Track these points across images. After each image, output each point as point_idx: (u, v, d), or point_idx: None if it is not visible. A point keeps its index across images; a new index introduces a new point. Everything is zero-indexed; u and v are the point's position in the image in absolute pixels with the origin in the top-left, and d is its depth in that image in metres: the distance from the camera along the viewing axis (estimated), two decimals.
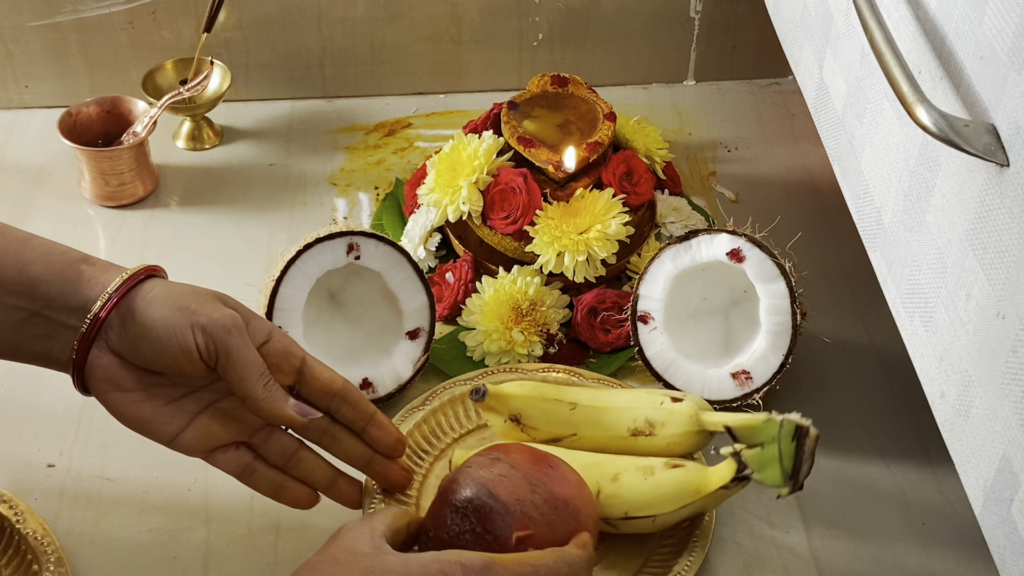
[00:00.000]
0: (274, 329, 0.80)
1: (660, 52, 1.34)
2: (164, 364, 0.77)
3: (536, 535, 0.77)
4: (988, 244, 0.61)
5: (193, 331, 0.75)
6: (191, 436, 0.80)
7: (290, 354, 0.80)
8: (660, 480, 0.86)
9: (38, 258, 0.77)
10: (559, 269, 1.05)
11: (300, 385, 0.81)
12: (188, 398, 0.80)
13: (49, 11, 1.24)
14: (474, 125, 1.15)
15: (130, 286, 0.77)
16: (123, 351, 0.77)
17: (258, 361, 0.77)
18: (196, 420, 0.80)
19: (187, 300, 0.77)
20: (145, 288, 0.77)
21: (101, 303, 0.76)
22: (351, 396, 0.82)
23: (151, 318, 0.76)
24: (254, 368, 0.76)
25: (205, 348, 0.76)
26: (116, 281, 0.77)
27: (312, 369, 0.81)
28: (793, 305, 0.95)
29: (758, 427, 0.82)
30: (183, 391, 0.80)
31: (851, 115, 0.81)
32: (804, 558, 0.90)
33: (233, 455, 0.82)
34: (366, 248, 0.97)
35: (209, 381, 0.80)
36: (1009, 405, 0.59)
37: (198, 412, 0.80)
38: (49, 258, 0.78)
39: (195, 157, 1.25)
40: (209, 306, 0.77)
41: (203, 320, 0.75)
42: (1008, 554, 0.61)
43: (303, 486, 0.84)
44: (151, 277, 0.79)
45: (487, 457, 0.82)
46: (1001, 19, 0.59)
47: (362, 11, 1.27)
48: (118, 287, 0.77)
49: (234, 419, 0.81)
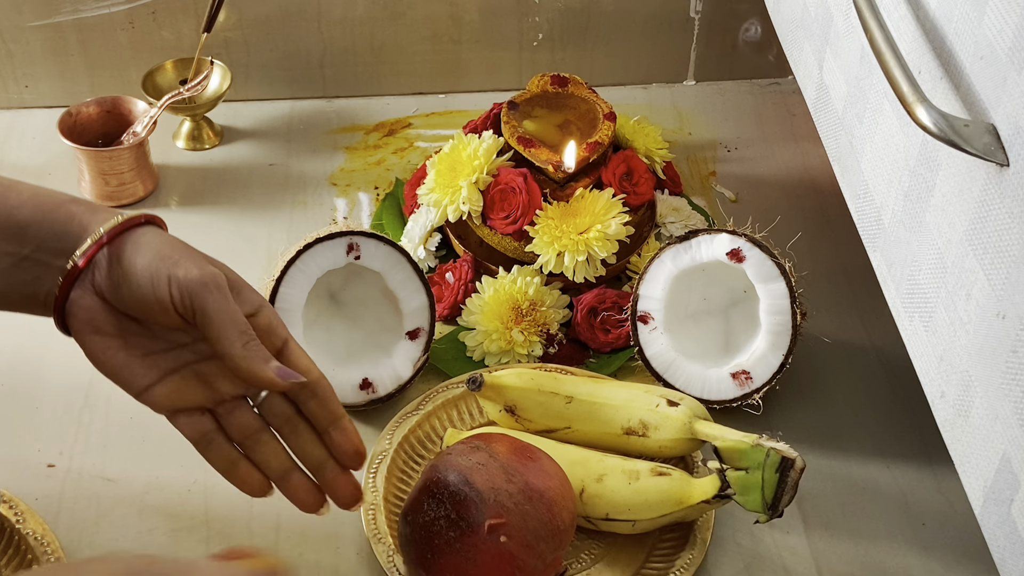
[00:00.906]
0: (265, 305, 0.78)
1: (660, 52, 1.34)
2: (142, 312, 0.75)
3: (508, 524, 0.79)
4: (988, 244, 0.61)
5: (170, 282, 0.73)
6: (160, 392, 0.77)
7: (273, 333, 0.77)
8: (644, 486, 0.87)
9: (25, 202, 0.76)
10: (559, 269, 1.05)
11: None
12: (166, 354, 0.78)
13: (49, 11, 1.24)
14: (474, 125, 1.15)
15: (124, 228, 0.75)
16: (106, 293, 0.76)
17: (239, 319, 0.74)
18: (169, 378, 0.78)
19: (172, 251, 0.75)
20: (138, 233, 0.76)
21: (91, 240, 0.75)
22: (322, 392, 0.78)
23: (134, 264, 0.74)
24: (233, 326, 0.74)
25: (180, 301, 0.73)
26: (111, 221, 0.75)
27: (292, 353, 0.78)
28: (793, 305, 0.95)
29: (745, 452, 0.83)
30: (163, 346, 0.78)
31: (851, 115, 0.81)
32: (804, 558, 0.90)
33: (196, 420, 0.78)
34: (366, 248, 0.97)
35: (191, 340, 0.78)
36: (1009, 405, 0.59)
37: (173, 370, 0.78)
38: (37, 200, 0.76)
39: (195, 157, 1.25)
40: (192, 260, 0.74)
41: (181, 272, 0.73)
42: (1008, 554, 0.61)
43: (256, 471, 0.79)
44: (149, 224, 0.77)
45: (468, 445, 0.83)
46: (1001, 19, 0.59)
47: (362, 11, 1.27)
48: (112, 228, 0.75)
49: (206, 384, 0.78)
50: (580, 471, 0.88)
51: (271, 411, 0.79)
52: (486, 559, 0.79)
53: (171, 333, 0.78)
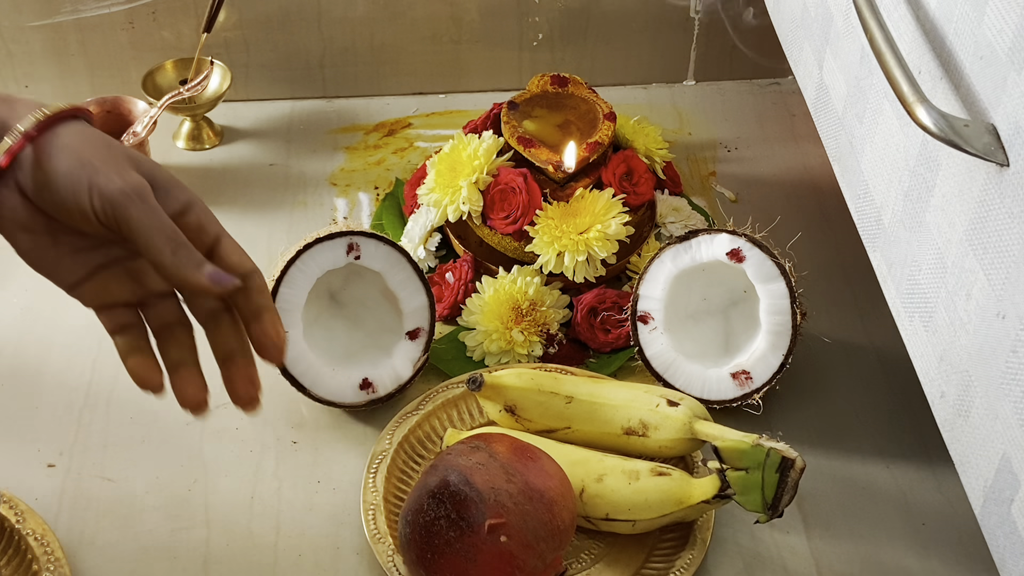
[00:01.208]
0: (194, 202, 0.75)
1: (660, 52, 1.34)
2: (66, 218, 0.73)
3: (509, 524, 0.79)
4: (988, 244, 0.61)
5: (90, 193, 0.70)
6: (89, 288, 0.75)
7: (204, 231, 0.74)
8: (644, 486, 0.87)
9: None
10: (559, 269, 1.05)
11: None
12: (96, 251, 0.75)
13: (49, 11, 1.24)
14: (474, 125, 1.15)
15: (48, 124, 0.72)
16: (31, 194, 0.73)
17: (165, 226, 0.71)
18: (98, 274, 0.75)
19: (94, 155, 0.72)
20: (61, 132, 0.72)
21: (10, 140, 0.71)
22: (253, 284, 0.74)
23: (55, 168, 0.71)
24: (159, 233, 0.71)
25: (102, 212, 0.71)
26: (30, 119, 0.72)
27: (225, 249, 0.75)
28: (793, 305, 0.95)
29: (745, 451, 0.83)
30: (92, 242, 0.75)
31: (851, 115, 0.81)
32: (804, 558, 0.90)
33: (119, 312, 0.76)
34: (366, 248, 0.97)
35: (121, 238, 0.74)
36: (1009, 405, 0.59)
37: (103, 266, 0.75)
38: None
39: (195, 157, 1.25)
40: (115, 167, 0.71)
41: (102, 182, 0.70)
42: (1008, 554, 0.61)
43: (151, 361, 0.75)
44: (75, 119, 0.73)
45: (468, 445, 0.83)
46: (1001, 19, 0.59)
47: (362, 11, 1.27)
48: (33, 125, 0.72)
49: (136, 280, 0.76)
50: (580, 471, 0.88)
51: (198, 305, 0.75)
52: (486, 559, 0.79)
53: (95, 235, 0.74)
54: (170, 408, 1.00)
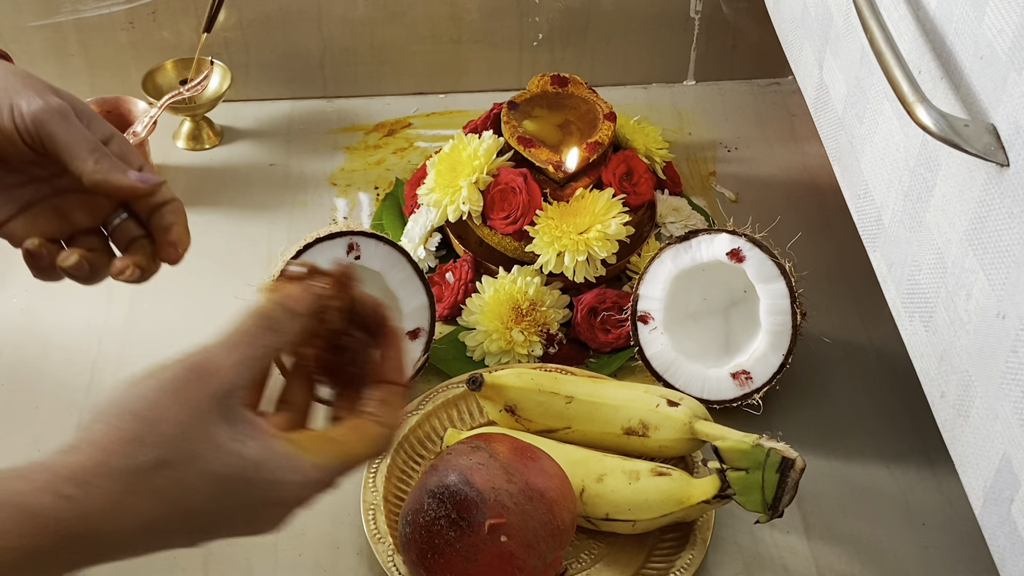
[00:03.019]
0: (116, 134, 0.76)
1: (660, 52, 1.34)
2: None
3: (509, 523, 0.79)
4: (988, 244, 0.61)
5: (13, 112, 0.72)
6: (17, 225, 0.76)
7: (127, 159, 0.75)
8: (644, 487, 0.87)
9: None
10: (559, 269, 1.05)
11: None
12: (23, 188, 0.77)
13: (49, 11, 1.24)
14: (474, 125, 1.15)
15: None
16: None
17: (87, 138, 0.73)
18: (27, 211, 0.77)
19: (14, 81, 0.74)
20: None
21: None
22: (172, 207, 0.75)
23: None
24: (83, 144, 0.72)
25: (26, 131, 0.72)
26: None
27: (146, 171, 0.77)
28: (793, 305, 0.95)
29: (746, 452, 0.83)
30: (20, 179, 0.77)
31: (851, 115, 0.81)
32: (804, 558, 0.90)
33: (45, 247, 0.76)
34: (366, 248, 0.97)
35: (49, 174, 0.77)
36: (1009, 405, 0.59)
37: (30, 203, 0.77)
38: None
39: (195, 157, 1.25)
40: (35, 90, 0.73)
41: (23, 102, 0.72)
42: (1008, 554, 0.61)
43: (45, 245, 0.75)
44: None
45: (468, 445, 0.83)
46: (1001, 19, 0.59)
47: (362, 11, 1.27)
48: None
49: (63, 217, 0.77)
50: (580, 471, 0.88)
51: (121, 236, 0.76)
52: (486, 559, 0.79)
53: (29, 167, 0.76)
54: None
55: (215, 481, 0.56)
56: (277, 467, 0.58)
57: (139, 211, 0.77)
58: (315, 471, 0.59)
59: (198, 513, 0.56)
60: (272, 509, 0.59)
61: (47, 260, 0.75)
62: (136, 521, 0.54)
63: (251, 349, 0.58)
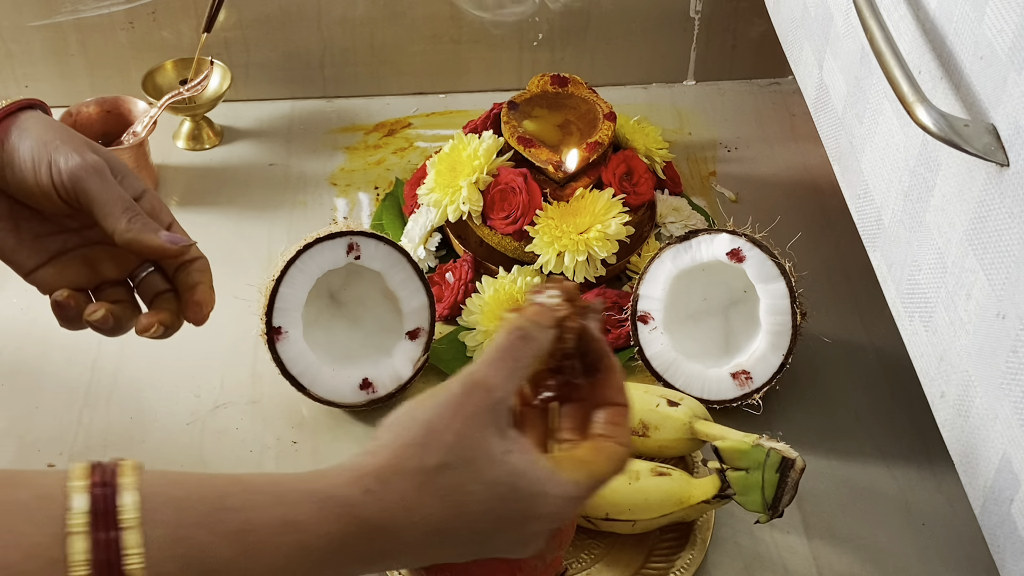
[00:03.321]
0: (149, 191, 0.79)
1: (660, 52, 1.34)
2: (27, 198, 0.77)
3: None
4: (988, 244, 0.61)
5: (51, 168, 0.74)
6: (46, 273, 0.79)
7: (157, 217, 0.78)
8: (644, 486, 0.87)
9: None
10: (559, 269, 1.05)
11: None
12: (55, 237, 0.79)
13: (49, 11, 1.24)
14: (474, 125, 1.15)
15: (8, 112, 0.76)
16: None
17: (122, 197, 0.75)
18: (56, 260, 0.79)
19: (54, 137, 0.76)
20: (22, 118, 0.77)
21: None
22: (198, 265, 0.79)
23: (18, 149, 0.75)
24: (117, 203, 0.75)
25: (63, 187, 0.75)
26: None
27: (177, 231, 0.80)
28: (793, 305, 0.95)
29: (746, 452, 0.83)
30: (52, 229, 0.79)
31: (851, 115, 0.81)
32: (804, 558, 0.90)
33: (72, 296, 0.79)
34: (366, 248, 0.97)
35: (80, 225, 0.79)
36: (1009, 405, 0.59)
37: (60, 253, 0.79)
38: None
39: (195, 157, 1.25)
40: (73, 146, 0.76)
41: (62, 158, 0.74)
42: (1008, 554, 0.61)
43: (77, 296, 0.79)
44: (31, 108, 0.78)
45: None
46: (1001, 19, 0.59)
47: (362, 11, 1.27)
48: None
49: (91, 267, 0.80)
50: None
51: (147, 288, 0.79)
52: (486, 558, 0.79)
53: (61, 218, 0.78)
54: (170, 408, 1.00)
55: (488, 486, 0.59)
56: (540, 480, 0.60)
57: (166, 266, 0.79)
58: (573, 488, 0.61)
59: (475, 519, 0.60)
60: (535, 523, 0.61)
61: (74, 311, 0.78)
62: (425, 518, 0.58)
63: (514, 361, 0.62)
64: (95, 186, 0.74)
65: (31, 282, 0.80)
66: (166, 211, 0.79)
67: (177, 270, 0.79)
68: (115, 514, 0.54)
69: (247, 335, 1.01)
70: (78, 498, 0.54)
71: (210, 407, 1.00)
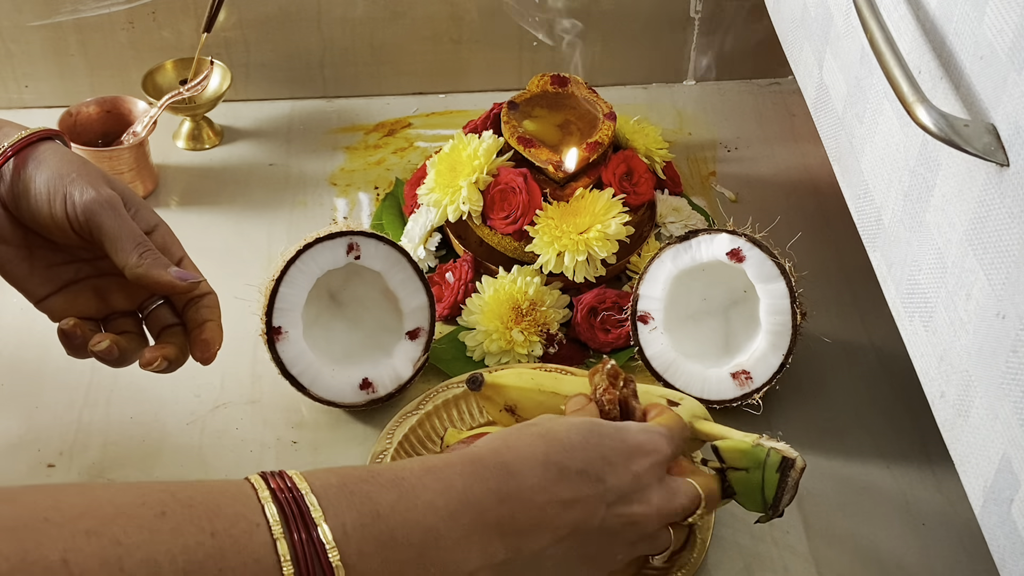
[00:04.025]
0: (161, 224, 0.80)
1: (660, 52, 1.34)
2: (41, 228, 0.78)
3: None
4: (988, 244, 0.61)
5: (66, 201, 0.76)
6: (57, 302, 0.81)
7: (168, 251, 0.80)
8: None
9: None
10: (559, 269, 1.05)
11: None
12: (67, 266, 0.81)
13: (49, 11, 1.24)
14: (474, 125, 1.15)
15: (29, 142, 0.78)
16: (10, 206, 0.78)
17: (134, 232, 0.77)
18: (67, 289, 0.81)
19: (70, 169, 0.77)
20: (40, 149, 0.78)
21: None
22: (207, 301, 0.82)
23: (34, 180, 0.76)
24: (129, 239, 0.76)
25: (76, 220, 0.76)
26: (15, 136, 0.78)
27: (188, 267, 0.82)
28: (793, 305, 0.95)
29: (746, 451, 0.82)
30: (65, 258, 0.80)
31: (851, 115, 0.81)
32: (804, 558, 0.90)
33: (79, 325, 0.81)
34: (366, 248, 0.97)
35: (92, 256, 0.81)
36: (1009, 405, 0.59)
37: (72, 282, 0.81)
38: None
39: (195, 157, 1.25)
40: (89, 180, 0.77)
41: (77, 192, 0.76)
42: (1008, 554, 0.61)
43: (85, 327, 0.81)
44: (50, 139, 0.79)
45: (468, 445, 0.83)
46: (1001, 19, 0.59)
47: (362, 11, 1.27)
48: (16, 142, 0.78)
49: (101, 297, 0.81)
50: None
51: (155, 321, 0.81)
52: None
53: (74, 248, 0.80)
54: (170, 408, 1.00)
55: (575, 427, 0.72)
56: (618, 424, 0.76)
57: (175, 301, 0.80)
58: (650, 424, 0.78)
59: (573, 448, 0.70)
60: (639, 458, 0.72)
61: (80, 340, 0.79)
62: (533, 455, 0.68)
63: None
64: (108, 221, 0.75)
65: (42, 309, 0.81)
66: (178, 245, 0.80)
67: (187, 305, 0.80)
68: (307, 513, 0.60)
69: (247, 335, 1.01)
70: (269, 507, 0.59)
71: (210, 407, 1.00)
